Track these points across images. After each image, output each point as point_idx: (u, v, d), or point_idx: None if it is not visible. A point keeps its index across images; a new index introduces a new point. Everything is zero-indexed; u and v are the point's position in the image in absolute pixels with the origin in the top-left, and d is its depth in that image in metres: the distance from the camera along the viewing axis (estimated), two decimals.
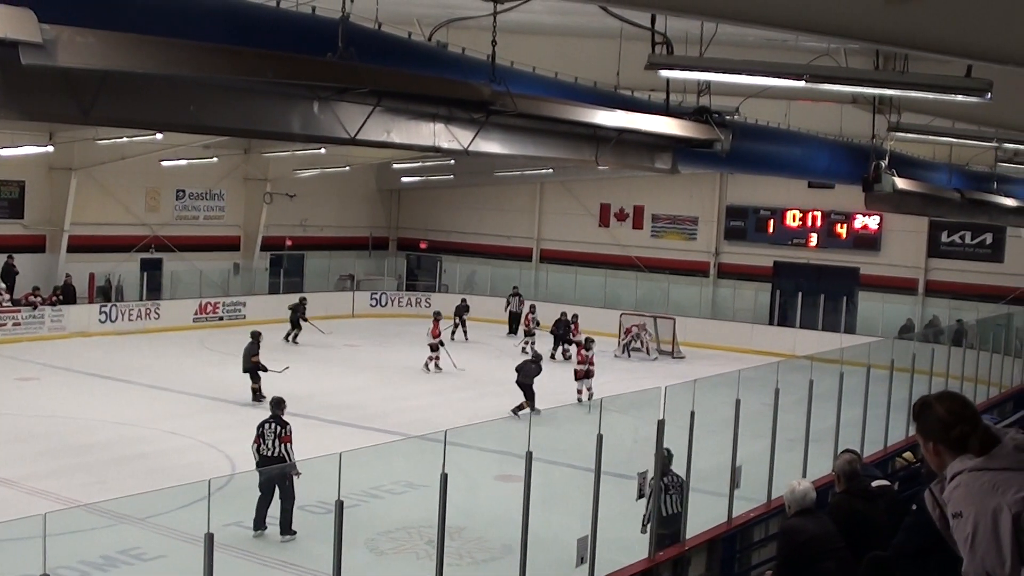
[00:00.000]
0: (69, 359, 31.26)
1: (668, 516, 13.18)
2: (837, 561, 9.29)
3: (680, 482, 13.27)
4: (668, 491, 13.23)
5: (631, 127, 14.54)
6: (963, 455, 4.20)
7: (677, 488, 13.27)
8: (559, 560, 12.28)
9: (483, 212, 48.18)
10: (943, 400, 4.37)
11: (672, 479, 13.28)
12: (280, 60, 9.38)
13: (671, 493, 13.28)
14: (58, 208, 37.21)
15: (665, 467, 13.24)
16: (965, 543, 4.08)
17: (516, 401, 25.32)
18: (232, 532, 14.98)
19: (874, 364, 18.47)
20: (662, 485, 13.18)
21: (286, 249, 45.22)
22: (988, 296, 37.65)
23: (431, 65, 11.95)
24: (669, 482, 13.31)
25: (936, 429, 4.29)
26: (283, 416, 16.76)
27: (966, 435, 4.22)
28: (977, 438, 4.20)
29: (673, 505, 13.31)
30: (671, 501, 13.31)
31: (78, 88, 8.39)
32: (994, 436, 4.23)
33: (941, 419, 4.28)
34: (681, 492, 13.25)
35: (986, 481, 4.08)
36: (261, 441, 16.49)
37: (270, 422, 16.62)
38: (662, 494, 13.13)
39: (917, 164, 25.28)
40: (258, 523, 15.86)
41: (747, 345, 34.98)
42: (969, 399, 4.57)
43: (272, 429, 16.50)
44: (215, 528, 8.14)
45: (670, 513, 13.24)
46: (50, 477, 18.75)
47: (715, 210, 43.91)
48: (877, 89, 15.12)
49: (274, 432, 16.46)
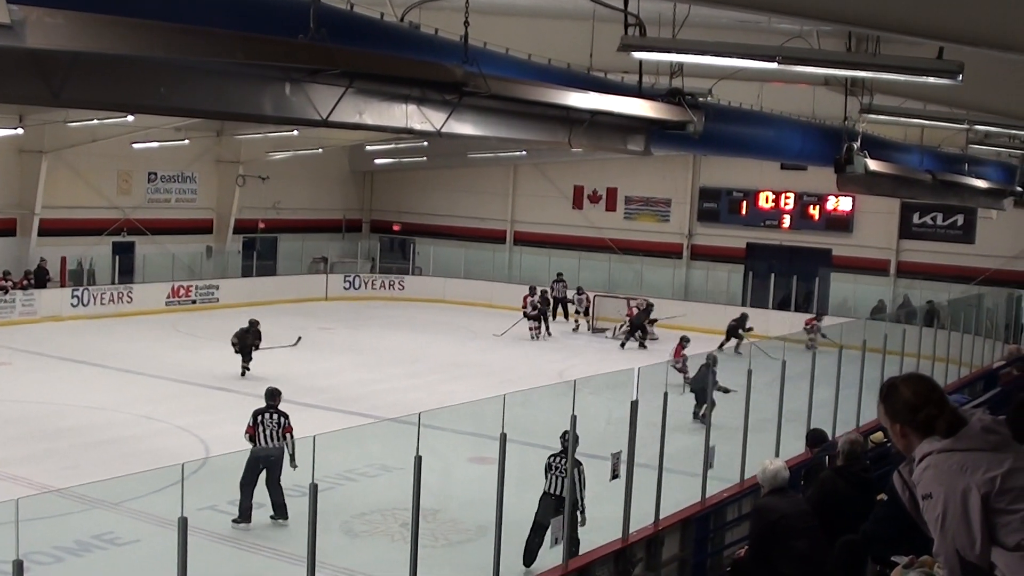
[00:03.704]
0: (41, 343, 31.06)
1: (554, 496, 13.54)
2: (809, 540, 9.35)
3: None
4: (553, 470, 13.73)
5: (604, 109, 14.56)
6: (930, 437, 4.23)
7: (564, 471, 13.35)
8: None
9: (456, 194, 48.08)
10: (909, 383, 4.39)
11: (560, 460, 13.53)
12: (251, 41, 9.32)
13: (556, 474, 13.67)
14: (29, 191, 36.92)
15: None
16: (935, 524, 4.11)
17: (489, 383, 25.31)
18: (206, 516, 14.95)
19: (846, 345, 18.56)
20: (548, 464, 13.78)
21: (259, 232, 45.01)
22: (959, 277, 37.84)
23: (403, 46, 11.91)
24: (555, 462, 13.72)
25: (903, 411, 4.31)
26: (279, 406, 16.50)
27: (933, 417, 4.24)
28: (944, 420, 4.22)
29: (558, 486, 13.58)
30: (556, 481, 13.67)
31: (48, 70, 8.34)
32: (961, 418, 4.26)
33: (908, 402, 4.30)
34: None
35: (955, 462, 4.11)
36: (260, 431, 16.18)
37: (269, 413, 16.33)
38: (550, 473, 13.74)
39: (889, 146, 25.36)
40: (245, 514, 15.61)
41: (720, 326, 35.02)
42: (935, 381, 4.60)
43: (274, 420, 16.23)
44: (189, 512, 8.12)
45: (556, 494, 13.57)
46: (22, 462, 18.66)
47: (688, 192, 43.97)
48: (849, 71, 15.17)
49: (276, 423, 16.19)
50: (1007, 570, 4.00)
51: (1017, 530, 4.00)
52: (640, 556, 12.38)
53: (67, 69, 8.32)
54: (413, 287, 45.39)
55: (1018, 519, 4.00)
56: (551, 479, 13.73)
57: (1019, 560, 3.99)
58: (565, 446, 13.20)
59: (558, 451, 13.55)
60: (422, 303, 43.74)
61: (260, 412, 16.39)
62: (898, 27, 9.86)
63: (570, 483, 12.36)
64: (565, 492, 12.90)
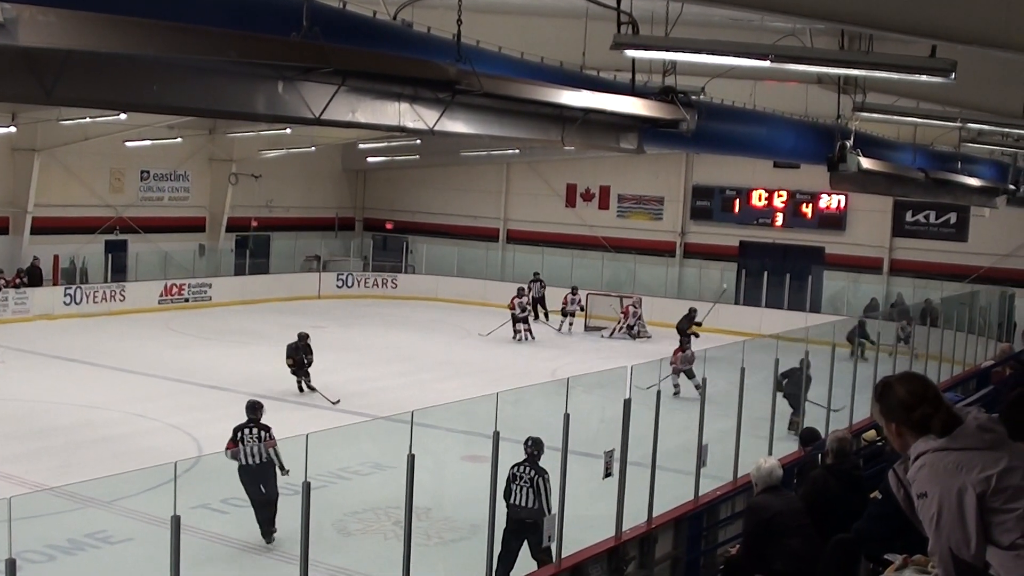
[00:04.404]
0: (33, 342, 31.00)
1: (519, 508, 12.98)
2: (803, 538, 9.36)
3: (534, 475, 13.05)
4: (517, 480, 13.06)
5: (597, 107, 14.53)
6: (926, 436, 4.23)
7: (527, 480, 13.01)
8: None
9: (449, 193, 48.08)
10: (904, 382, 4.40)
11: (524, 470, 13.08)
12: (244, 39, 9.30)
13: (520, 484, 13.05)
14: (21, 189, 36.88)
15: (533, 456, 13.13)
16: (930, 523, 4.12)
17: (482, 381, 25.29)
18: (199, 515, 14.93)
19: (839, 343, 18.57)
20: (511, 474, 12.99)
21: (252, 230, 44.99)
22: (952, 275, 37.91)
23: (396, 44, 11.89)
24: (519, 472, 13.09)
25: (898, 410, 4.32)
26: (262, 420, 15.65)
27: (928, 416, 4.25)
28: (939, 419, 4.23)
29: (523, 497, 13.05)
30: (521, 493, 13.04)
31: (40, 68, 8.31)
32: (956, 416, 4.26)
33: (902, 401, 4.31)
34: (533, 485, 13.01)
35: (950, 461, 4.11)
36: (241, 447, 15.14)
37: (250, 428, 15.45)
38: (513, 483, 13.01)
39: (882, 144, 25.38)
40: (267, 533, 14.92)
41: (713, 324, 35.02)
42: (930, 380, 4.60)
43: (253, 435, 15.32)
44: (182, 510, 8.10)
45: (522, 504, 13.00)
46: (15, 461, 18.62)
47: (681, 190, 43.99)
48: (842, 69, 15.17)
49: (256, 437, 15.26)
50: (1002, 569, 4.01)
51: (1012, 529, 4.00)
52: (633, 554, 12.38)
53: (59, 67, 8.30)
54: (406, 285, 45.37)
55: (1013, 518, 4.01)
56: (516, 491, 13.05)
57: (1014, 559, 3.99)
58: (529, 453, 13.08)
59: (522, 460, 13.12)
60: (415, 301, 43.73)
61: (241, 428, 15.53)
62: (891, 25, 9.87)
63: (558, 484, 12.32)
64: (531, 504, 12.77)
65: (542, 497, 12.79)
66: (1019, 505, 4.02)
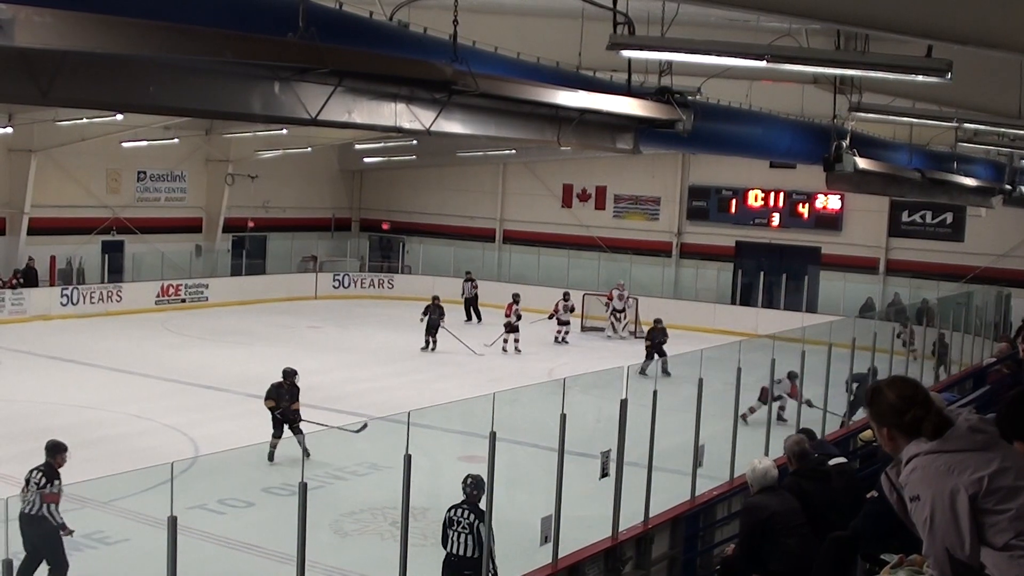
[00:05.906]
0: (30, 342, 30.99)
1: (458, 558, 11.69)
2: (799, 538, 9.39)
3: (473, 520, 11.63)
4: (454, 525, 11.70)
5: (593, 107, 14.55)
6: (917, 439, 4.24)
7: (467, 526, 11.67)
8: (523, 539, 12.31)
9: (446, 193, 48.07)
10: (894, 386, 4.40)
11: (462, 513, 11.75)
12: (240, 40, 9.30)
13: (458, 530, 11.68)
14: (18, 190, 36.83)
15: (473, 497, 11.75)
16: (924, 526, 4.12)
17: (479, 381, 25.29)
18: (196, 515, 14.91)
19: (835, 343, 18.58)
20: (448, 518, 11.72)
21: (248, 231, 44.96)
22: (948, 275, 37.90)
23: (393, 45, 11.90)
24: (457, 516, 11.73)
25: (888, 414, 4.33)
26: (56, 469, 13.46)
27: (919, 419, 4.25)
28: (930, 421, 4.24)
29: (462, 545, 11.68)
30: (460, 540, 11.68)
31: (36, 68, 8.32)
32: (947, 419, 4.27)
33: (893, 405, 4.31)
34: (473, 531, 11.60)
35: (942, 464, 4.12)
36: (24, 490, 13.04)
37: (38, 469, 13.45)
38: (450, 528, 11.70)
39: (878, 144, 25.40)
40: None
41: (709, 325, 35.07)
42: (920, 382, 4.61)
43: (35, 479, 13.31)
44: (179, 511, 8.11)
45: (460, 553, 11.67)
46: (11, 461, 18.55)
47: (677, 190, 43.97)
48: (838, 69, 15.16)
49: (36, 483, 13.15)
50: (996, 571, 4.02)
51: (1005, 530, 4.01)
52: (630, 554, 12.41)
53: (56, 68, 8.30)
54: (402, 286, 45.32)
55: (1006, 519, 4.01)
56: (453, 538, 11.72)
57: (1007, 560, 4.00)
58: (468, 494, 11.84)
59: (459, 502, 11.86)
60: (411, 302, 43.60)
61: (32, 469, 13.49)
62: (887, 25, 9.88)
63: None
64: (471, 552, 11.55)
65: (483, 546, 11.38)
66: (1012, 506, 4.03)
